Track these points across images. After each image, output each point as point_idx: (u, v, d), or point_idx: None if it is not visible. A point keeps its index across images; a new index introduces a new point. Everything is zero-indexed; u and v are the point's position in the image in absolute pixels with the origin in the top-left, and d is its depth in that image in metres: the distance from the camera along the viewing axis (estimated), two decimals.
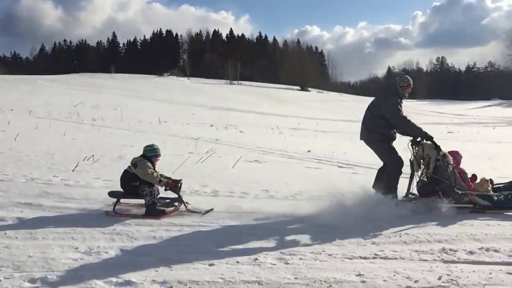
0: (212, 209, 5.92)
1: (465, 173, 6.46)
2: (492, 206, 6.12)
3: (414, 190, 6.54)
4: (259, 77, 79.28)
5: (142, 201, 5.70)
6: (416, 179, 6.49)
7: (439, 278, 3.99)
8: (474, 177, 6.71)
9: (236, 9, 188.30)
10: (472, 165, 11.66)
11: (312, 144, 14.54)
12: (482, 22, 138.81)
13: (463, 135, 23.97)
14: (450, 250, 4.74)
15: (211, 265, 4.22)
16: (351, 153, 12.53)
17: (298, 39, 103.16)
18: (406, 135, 6.43)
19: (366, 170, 9.95)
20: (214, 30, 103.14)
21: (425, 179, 6.42)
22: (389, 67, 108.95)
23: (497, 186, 6.61)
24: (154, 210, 5.55)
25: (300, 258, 4.49)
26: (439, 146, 6.21)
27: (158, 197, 5.71)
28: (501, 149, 16.62)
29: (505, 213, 6.16)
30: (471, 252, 4.70)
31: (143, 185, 5.56)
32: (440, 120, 38.38)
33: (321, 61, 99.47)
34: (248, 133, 18.47)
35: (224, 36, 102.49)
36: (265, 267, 4.21)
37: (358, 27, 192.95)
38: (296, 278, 3.99)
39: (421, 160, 6.41)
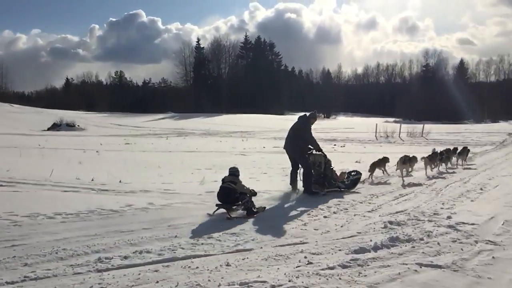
0: (265, 207, 7.71)
1: (335, 171, 9.93)
2: (345, 187, 9.66)
3: None
4: None
5: None
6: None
7: None
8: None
9: None
10: (140, 173, 12.51)
11: None
12: (155, 41, 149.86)
13: (139, 146, 25.21)
14: (106, 258, 4.84)
15: None
16: (16, 169, 11.41)
17: None
18: (311, 148, 9.56)
19: (32, 187, 9.21)
20: None
21: (316, 177, 9.45)
22: (67, 78, 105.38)
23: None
24: (253, 211, 7.30)
25: None
26: (326, 155, 9.63)
27: None
28: (170, 158, 18.25)
29: (351, 190, 9.57)
30: (126, 257, 4.92)
31: (242, 195, 7.38)
32: (120, 132, 39.41)
33: None
34: None
35: None
36: None
37: (31, 34, 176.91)
38: None
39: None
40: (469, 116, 71.18)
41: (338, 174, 10.05)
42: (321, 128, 44.79)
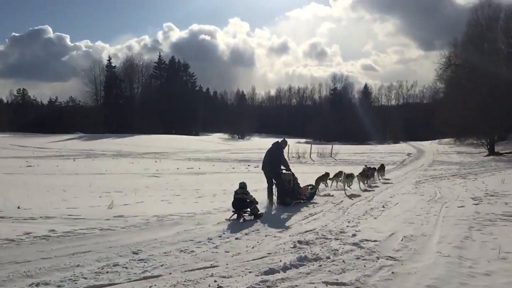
0: (262, 213, 9.57)
1: (300, 186, 11.74)
2: (307, 199, 11.59)
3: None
4: None
5: None
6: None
7: None
8: None
9: None
10: (42, 198, 11.70)
11: None
12: (62, 59, 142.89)
13: (43, 168, 23.65)
14: None
15: None
16: None
17: None
18: (282, 168, 11.34)
19: None
20: None
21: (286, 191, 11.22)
22: None
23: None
24: (259, 216, 9.23)
25: None
26: (294, 174, 11.53)
27: None
28: (77, 181, 17.29)
29: (311, 201, 11.54)
30: None
31: (251, 203, 9.34)
32: (22, 154, 36.67)
33: None
34: None
35: None
36: None
37: None
38: None
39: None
40: (374, 137, 75.93)
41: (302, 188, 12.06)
42: (235, 149, 45.20)
